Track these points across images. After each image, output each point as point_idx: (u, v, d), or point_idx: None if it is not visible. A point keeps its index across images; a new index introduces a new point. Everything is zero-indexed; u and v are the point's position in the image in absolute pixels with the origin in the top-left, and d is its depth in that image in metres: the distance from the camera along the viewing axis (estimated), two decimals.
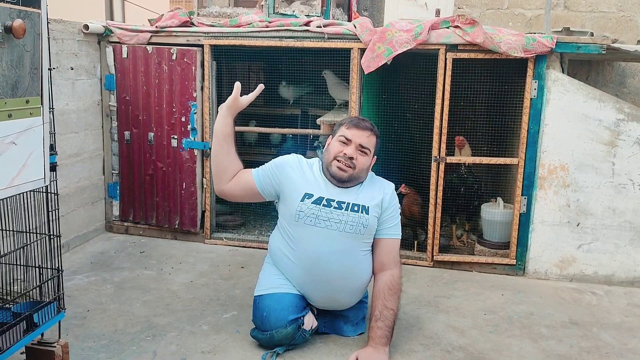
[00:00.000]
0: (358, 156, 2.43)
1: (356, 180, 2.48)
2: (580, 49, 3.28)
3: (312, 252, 2.42)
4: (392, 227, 2.52)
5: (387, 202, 2.51)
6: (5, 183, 1.64)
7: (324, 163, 2.50)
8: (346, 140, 2.44)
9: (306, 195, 2.44)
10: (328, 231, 2.41)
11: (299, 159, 2.57)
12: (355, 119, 2.53)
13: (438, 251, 3.58)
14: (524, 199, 3.44)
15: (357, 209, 2.43)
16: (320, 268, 2.42)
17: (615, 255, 3.37)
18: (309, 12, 3.87)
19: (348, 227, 2.41)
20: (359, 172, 2.45)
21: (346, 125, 2.49)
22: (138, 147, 3.91)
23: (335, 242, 2.41)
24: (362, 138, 2.44)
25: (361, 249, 2.47)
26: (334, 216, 2.41)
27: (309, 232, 2.42)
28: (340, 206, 2.43)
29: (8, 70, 1.58)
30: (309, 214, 2.41)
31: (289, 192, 2.47)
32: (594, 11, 4.56)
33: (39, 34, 1.68)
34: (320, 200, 2.43)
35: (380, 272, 2.50)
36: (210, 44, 3.71)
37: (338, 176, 2.43)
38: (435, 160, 3.50)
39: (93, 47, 3.81)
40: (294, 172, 2.50)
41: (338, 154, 2.43)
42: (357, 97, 3.60)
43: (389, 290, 2.43)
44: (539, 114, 3.35)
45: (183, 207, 3.89)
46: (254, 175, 2.55)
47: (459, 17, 3.41)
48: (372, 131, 2.49)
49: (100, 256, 3.60)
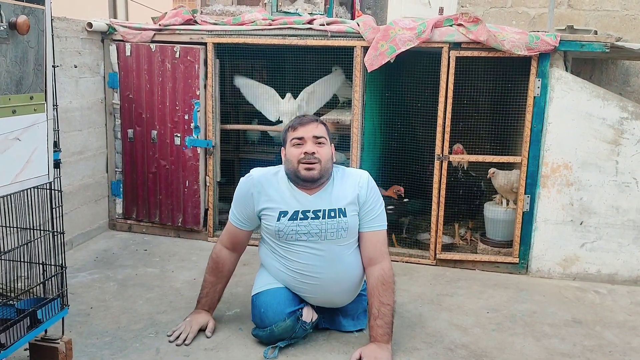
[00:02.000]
0: (318, 149, 2.39)
1: (326, 173, 2.41)
2: (584, 47, 3.27)
3: (300, 264, 2.44)
4: (374, 219, 2.48)
5: (364, 196, 2.45)
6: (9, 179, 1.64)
7: (290, 173, 2.43)
8: (299, 140, 2.40)
9: (281, 213, 2.41)
10: (311, 243, 2.41)
11: (256, 180, 2.47)
12: (296, 119, 2.48)
13: (441, 249, 3.58)
14: (527, 197, 3.43)
15: (334, 214, 2.41)
16: (311, 278, 2.45)
17: (618, 254, 3.36)
18: (312, 10, 3.87)
19: (329, 234, 2.41)
20: (325, 164, 2.40)
21: (292, 127, 2.44)
22: (141, 145, 3.92)
23: (320, 252, 2.42)
24: (312, 130, 2.40)
25: (348, 250, 2.47)
26: (313, 227, 2.40)
27: (294, 247, 2.43)
28: (316, 215, 2.40)
29: (12, 67, 1.58)
30: (289, 232, 2.41)
31: (263, 214, 2.46)
32: (598, 10, 4.54)
33: (43, 30, 1.68)
34: (296, 214, 2.40)
35: (369, 266, 2.47)
36: (213, 42, 3.72)
37: (309, 177, 2.37)
38: (438, 159, 3.50)
39: (97, 45, 3.82)
40: (260, 196, 2.45)
41: (299, 157, 2.37)
42: (359, 95, 3.59)
43: (382, 286, 2.40)
44: (542, 112, 3.34)
45: (186, 205, 3.90)
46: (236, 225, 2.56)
47: (462, 15, 3.40)
48: (318, 121, 2.45)
49: (104, 254, 3.61)
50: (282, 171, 2.51)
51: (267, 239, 2.53)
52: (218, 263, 2.59)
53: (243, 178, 2.53)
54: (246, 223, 2.55)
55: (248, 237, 2.62)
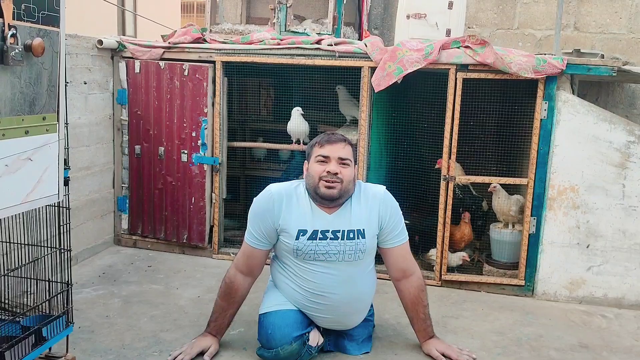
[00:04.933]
0: (341, 169, 2.38)
1: (346, 194, 2.42)
2: (591, 71, 3.28)
3: (315, 284, 2.42)
4: (398, 233, 2.50)
5: (385, 213, 2.46)
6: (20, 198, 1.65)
7: (310, 188, 2.42)
8: (324, 158, 2.39)
9: (300, 232, 2.39)
10: (328, 263, 2.40)
11: (275, 194, 2.44)
12: (325, 136, 2.47)
13: (446, 270, 3.56)
14: (533, 219, 3.43)
15: (353, 235, 2.41)
16: (325, 298, 2.43)
17: (625, 278, 3.34)
18: (321, 31, 3.90)
19: (347, 255, 2.41)
20: (347, 185, 2.40)
21: (319, 144, 2.43)
22: (148, 161, 3.94)
23: (336, 272, 2.42)
24: (339, 151, 2.39)
25: (363, 271, 2.48)
26: (331, 248, 2.39)
27: (310, 266, 2.42)
28: (335, 236, 2.39)
29: (26, 88, 1.60)
30: (307, 251, 2.40)
31: (282, 231, 2.44)
32: (604, 32, 4.57)
33: (57, 51, 1.71)
34: (315, 234, 2.39)
35: (405, 278, 2.52)
36: (222, 61, 3.75)
37: (328, 195, 2.37)
38: (444, 179, 3.50)
39: (106, 61, 3.86)
40: (280, 211, 2.43)
41: (322, 174, 2.37)
42: (367, 115, 3.61)
43: (422, 293, 2.55)
44: (549, 135, 3.35)
45: (191, 221, 3.91)
46: (253, 245, 2.49)
47: (469, 37, 3.43)
48: (346, 141, 2.44)
49: (109, 269, 3.61)
50: (301, 186, 2.49)
51: (282, 257, 2.51)
52: (231, 288, 2.53)
53: (260, 194, 2.49)
54: (264, 241, 2.48)
55: (265, 258, 2.56)
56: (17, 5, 1.54)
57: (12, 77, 1.56)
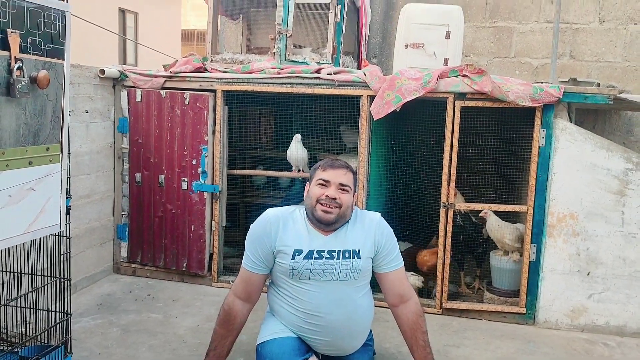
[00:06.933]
0: (340, 195, 2.41)
1: (343, 219, 2.45)
2: (588, 99, 3.32)
3: (311, 304, 2.42)
4: (394, 258, 2.51)
5: (380, 237, 2.49)
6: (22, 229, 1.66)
7: (308, 209, 2.46)
8: (325, 182, 2.43)
9: (296, 252, 2.41)
10: (323, 282, 2.41)
11: (272, 218, 2.48)
12: (329, 161, 2.51)
13: (447, 298, 3.55)
14: (533, 246, 3.43)
15: (348, 254, 2.43)
16: (321, 319, 2.42)
17: (626, 306, 3.33)
18: (320, 60, 3.95)
19: (342, 275, 2.41)
20: (344, 211, 2.43)
21: (322, 167, 2.47)
22: (148, 189, 3.94)
23: (332, 292, 2.41)
24: (340, 177, 2.43)
25: (359, 292, 2.47)
26: (327, 267, 2.41)
27: (305, 286, 2.42)
28: (331, 255, 2.42)
29: (31, 119, 1.62)
30: (303, 270, 2.40)
31: (279, 252, 2.46)
32: (599, 61, 4.64)
33: (62, 83, 1.73)
34: (311, 253, 2.41)
35: (402, 303, 2.50)
36: (222, 89, 3.79)
37: (325, 219, 2.40)
38: (444, 207, 3.51)
39: (108, 90, 3.90)
40: (276, 234, 2.45)
41: (320, 197, 2.41)
42: (366, 142, 3.64)
43: (420, 318, 2.49)
44: (547, 162, 3.37)
45: (191, 249, 3.90)
46: (251, 269, 2.49)
47: (467, 66, 3.47)
48: (348, 169, 2.49)
49: (107, 298, 3.59)
50: (297, 211, 2.53)
51: (278, 280, 2.51)
52: (230, 315, 2.52)
53: (257, 219, 2.52)
54: (261, 265, 2.49)
55: (262, 283, 2.56)
56: (24, 38, 1.57)
57: (17, 109, 1.58)
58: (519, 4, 4.71)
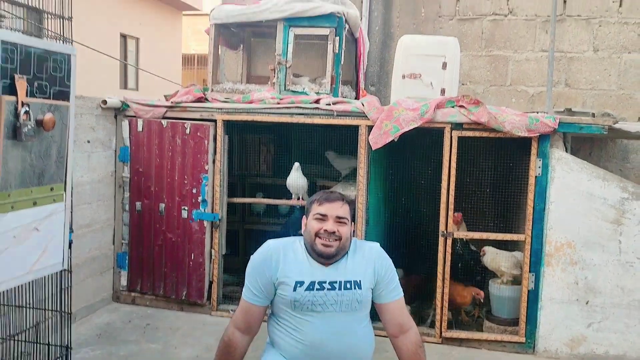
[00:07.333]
0: (339, 228, 2.42)
1: (343, 251, 2.45)
2: (583, 130, 3.37)
3: (312, 336, 2.41)
4: (394, 288, 2.51)
5: (380, 267, 2.49)
6: (26, 268, 1.68)
7: (307, 243, 2.46)
8: (322, 216, 2.42)
9: (297, 283, 2.41)
10: (325, 314, 2.41)
11: (273, 248, 2.48)
12: (324, 194, 2.52)
13: (446, 327, 3.55)
14: (531, 275, 3.44)
15: (350, 285, 2.43)
16: (323, 351, 2.41)
17: (625, 335, 3.33)
18: (319, 90, 4.01)
19: (344, 306, 2.42)
20: (344, 242, 2.44)
21: (317, 201, 2.47)
22: (149, 218, 3.97)
23: (333, 323, 2.42)
24: (336, 210, 2.44)
25: (360, 323, 2.47)
26: (329, 298, 2.41)
27: (307, 318, 2.42)
28: (332, 287, 2.42)
29: (36, 160, 1.66)
30: (304, 302, 2.41)
31: (280, 283, 2.47)
32: (594, 89, 4.70)
33: (67, 124, 1.77)
34: (312, 285, 2.41)
35: (402, 334, 2.49)
36: (223, 119, 3.84)
37: (325, 253, 2.40)
38: (442, 235, 3.53)
39: (110, 120, 3.94)
40: (277, 264, 2.45)
41: (319, 231, 2.41)
42: (364, 171, 3.67)
43: (420, 349, 2.45)
44: (544, 192, 3.40)
45: (191, 278, 3.91)
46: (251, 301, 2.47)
47: (463, 97, 3.53)
48: (344, 200, 2.49)
49: (107, 328, 3.58)
50: (298, 242, 2.53)
51: (279, 311, 2.51)
52: (230, 347, 2.51)
53: (258, 250, 2.51)
54: (261, 297, 2.47)
55: (263, 315, 2.54)
56: (31, 82, 1.61)
57: (23, 152, 1.61)
58: (514, 34, 4.78)
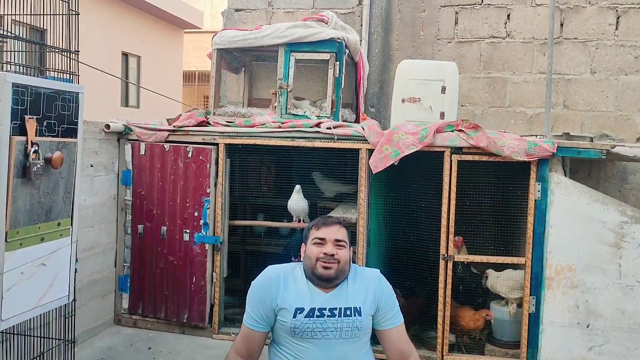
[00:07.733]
0: (337, 251, 2.46)
1: (342, 274, 2.48)
2: (582, 154, 3.41)
3: None
4: (394, 314, 2.53)
5: (381, 294, 2.51)
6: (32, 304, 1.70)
7: (308, 269, 2.49)
8: (320, 240, 2.47)
9: (297, 310, 2.43)
10: (325, 341, 2.42)
11: (273, 275, 2.51)
12: (321, 219, 2.58)
13: (448, 351, 3.55)
14: (532, 298, 3.46)
15: (350, 312, 2.45)
16: None
17: (627, 358, 3.33)
18: (320, 114, 4.05)
19: (344, 333, 2.43)
20: (343, 265, 2.47)
21: (315, 227, 2.53)
22: (150, 241, 3.99)
23: (334, 350, 2.43)
24: (334, 234, 2.49)
25: (361, 350, 2.48)
26: (329, 325, 2.43)
27: (307, 345, 2.43)
28: (333, 313, 2.44)
29: (44, 197, 1.68)
30: (304, 329, 2.42)
31: (280, 310, 2.48)
32: (592, 110, 4.74)
33: (74, 160, 1.80)
34: (313, 312, 2.43)
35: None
36: (225, 143, 3.88)
37: (326, 276, 2.43)
38: (443, 259, 3.55)
39: (112, 144, 3.98)
40: (277, 291, 2.47)
41: (319, 255, 2.45)
42: (365, 195, 3.70)
43: None
44: (543, 215, 3.43)
45: (192, 301, 3.92)
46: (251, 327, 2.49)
47: (462, 121, 3.57)
48: (341, 224, 2.55)
49: (108, 352, 3.59)
50: (298, 268, 2.55)
51: (279, 338, 2.52)
52: None
53: (258, 276, 2.54)
54: (262, 323, 2.49)
55: (264, 341, 2.55)
56: (40, 122, 1.64)
57: (31, 190, 1.64)
58: (512, 56, 4.84)
